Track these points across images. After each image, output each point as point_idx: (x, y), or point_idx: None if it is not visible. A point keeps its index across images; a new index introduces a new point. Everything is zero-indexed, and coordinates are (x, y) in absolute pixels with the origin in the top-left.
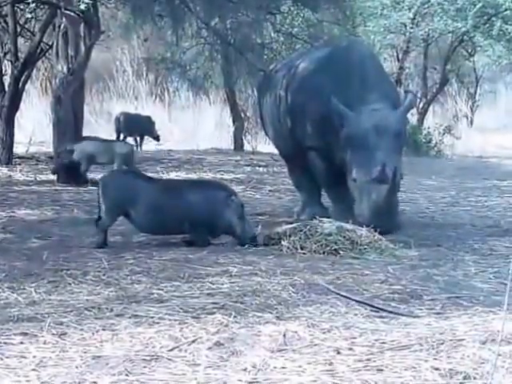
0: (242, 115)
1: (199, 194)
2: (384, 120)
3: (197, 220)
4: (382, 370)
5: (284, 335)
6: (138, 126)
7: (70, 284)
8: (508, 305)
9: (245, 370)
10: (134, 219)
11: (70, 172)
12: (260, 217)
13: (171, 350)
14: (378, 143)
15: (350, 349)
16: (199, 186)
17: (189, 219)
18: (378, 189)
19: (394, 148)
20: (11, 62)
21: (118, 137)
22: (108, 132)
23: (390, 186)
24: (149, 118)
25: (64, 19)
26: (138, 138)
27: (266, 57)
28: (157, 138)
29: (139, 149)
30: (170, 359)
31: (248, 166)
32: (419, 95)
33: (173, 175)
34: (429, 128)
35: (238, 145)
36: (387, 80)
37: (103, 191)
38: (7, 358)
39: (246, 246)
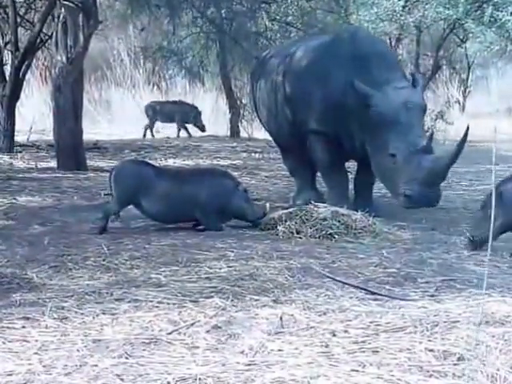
0: (238, 102)
1: (208, 182)
2: (411, 96)
3: (208, 207)
4: (377, 351)
5: (280, 318)
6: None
7: (70, 269)
8: (502, 287)
9: (242, 352)
10: (146, 208)
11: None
12: (256, 202)
13: (170, 333)
14: (411, 118)
15: (346, 331)
16: (207, 173)
17: (200, 206)
18: (427, 159)
19: (422, 123)
20: (12, 51)
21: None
22: (106, 118)
23: (451, 158)
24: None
25: (63, 10)
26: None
27: (260, 45)
28: (200, 127)
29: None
30: (169, 342)
31: (244, 152)
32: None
33: (171, 162)
34: None
35: (234, 131)
36: (398, 63)
37: (115, 180)
38: (10, 341)
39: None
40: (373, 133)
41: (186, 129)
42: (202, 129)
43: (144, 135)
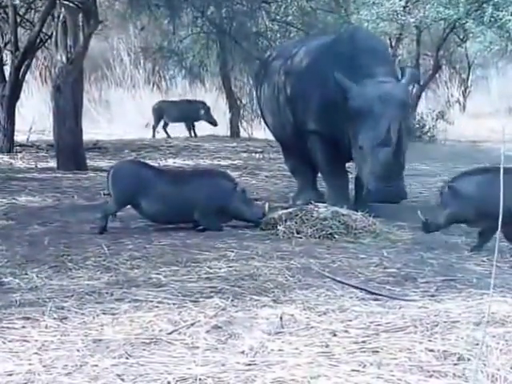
0: (238, 102)
1: (207, 183)
2: (388, 90)
3: (206, 208)
4: (377, 351)
5: (281, 318)
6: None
7: (70, 269)
8: (502, 287)
9: (242, 352)
10: (145, 209)
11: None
12: (256, 202)
13: (170, 333)
14: (382, 111)
15: (346, 331)
16: (205, 174)
17: (198, 207)
18: (383, 152)
19: (399, 116)
20: (11, 52)
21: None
22: (106, 118)
23: (394, 150)
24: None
25: (63, 10)
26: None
27: (260, 45)
28: (212, 122)
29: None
30: (169, 342)
31: (244, 152)
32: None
33: (171, 162)
34: (422, 113)
35: (234, 131)
36: (391, 61)
37: (113, 180)
38: (10, 342)
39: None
40: (352, 126)
41: (190, 128)
42: (215, 123)
43: (168, 136)
